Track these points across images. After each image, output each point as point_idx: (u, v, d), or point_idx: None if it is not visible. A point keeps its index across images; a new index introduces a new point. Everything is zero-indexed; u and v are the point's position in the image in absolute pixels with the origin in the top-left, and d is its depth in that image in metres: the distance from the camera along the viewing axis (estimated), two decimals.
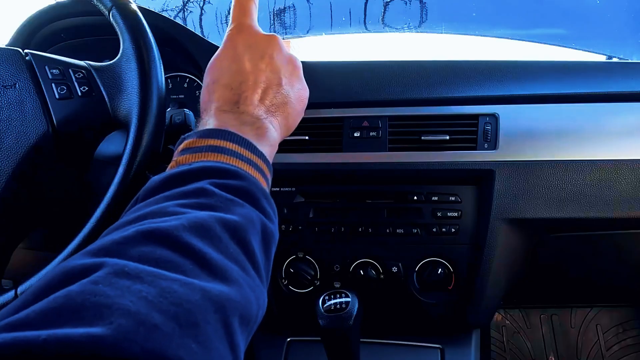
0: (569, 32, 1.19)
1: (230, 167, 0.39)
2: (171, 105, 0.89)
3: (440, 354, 0.83)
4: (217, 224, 0.33)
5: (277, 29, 1.25)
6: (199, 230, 0.32)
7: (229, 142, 0.41)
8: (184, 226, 0.31)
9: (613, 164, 0.71)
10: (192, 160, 0.40)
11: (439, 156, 0.73)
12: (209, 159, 0.40)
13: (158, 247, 0.29)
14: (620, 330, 1.28)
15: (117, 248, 0.29)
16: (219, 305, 0.28)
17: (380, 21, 1.22)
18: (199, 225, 0.32)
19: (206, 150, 0.41)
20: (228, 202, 0.36)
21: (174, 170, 0.39)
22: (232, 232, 0.34)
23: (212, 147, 0.41)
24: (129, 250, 0.29)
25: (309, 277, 0.79)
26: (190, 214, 0.33)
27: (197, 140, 0.42)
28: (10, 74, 0.56)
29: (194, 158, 0.40)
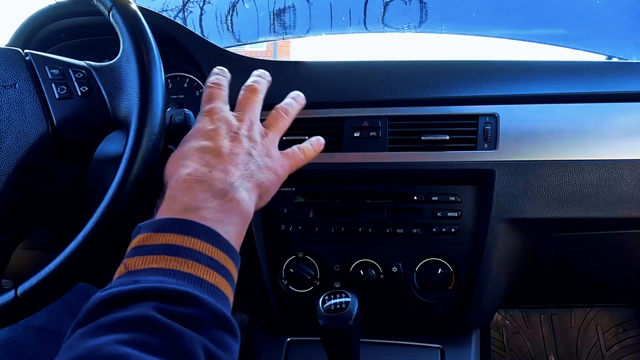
0: (569, 32, 1.18)
1: (179, 289, 0.35)
2: (171, 105, 0.89)
3: (440, 354, 0.83)
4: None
5: (277, 29, 1.25)
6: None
7: (187, 236, 0.38)
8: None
9: (613, 164, 0.71)
10: (142, 267, 0.36)
11: (439, 156, 0.73)
12: (160, 266, 0.36)
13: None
14: (620, 330, 1.28)
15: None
16: None
17: (380, 21, 1.22)
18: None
19: (159, 251, 0.37)
20: (173, 340, 0.32)
21: (116, 290, 0.35)
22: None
23: (165, 248, 0.37)
24: None
25: (309, 277, 0.79)
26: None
27: (152, 235, 0.38)
28: (10, 74, 0.56)
29: (143, 263, 0.37)
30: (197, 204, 0.41)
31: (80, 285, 0.56)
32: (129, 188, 0.53)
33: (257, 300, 0.84)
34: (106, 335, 0.32)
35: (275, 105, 0.81)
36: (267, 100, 0.79)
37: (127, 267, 0.38)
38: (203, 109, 0.55)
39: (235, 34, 1.26)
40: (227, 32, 1.26)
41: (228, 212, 0.42)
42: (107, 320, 0.33)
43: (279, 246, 0.80)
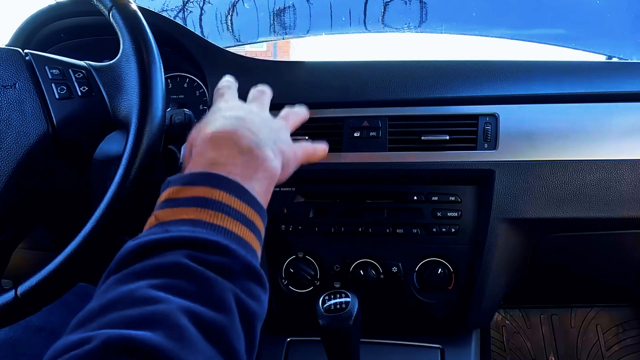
0: (569, 32, 1.18)
1: (210, 239, 0.35)
2: (171, 105, 0.89)
3: (440, 354, 0.83)
4: (192, 325, 0.30)
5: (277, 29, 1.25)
6: (174, 338, 0.29)
7: (216, 189, 0.38)
8: (157, 335, 0.28)
9: (613, 164, 0.71)
10: (172, 218, 0.37)
11: (439, 156, 0.73)
12: (190, 217, 0.37)
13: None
14: (620, 330, 1.28)
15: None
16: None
17: (380, 21, 1.22)
18: (173, 332, 0.29)
19: (189, 204, 0.38)
20: (206, 286, 0.33)
21: (148, 239, 0.35)
22: (209, 333, 0.31)
23: (195, 200, 0.38)
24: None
25: (309, 277, 0.79)
26: (164, 306, 0.30)
27: (181, 189, 0.39)
28: (10, 74, 0.56)
29: (174, 215, 0.37)
30: (224, 160, 0.41)
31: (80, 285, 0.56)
32: (129, 188, 0.53)
33: None
34: (139, 280, 0.32)
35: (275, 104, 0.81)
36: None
37: (158, 218, 0.38)
38: (217, 99, 0.54)
39: (235, 34, 1.26)
40: (227, 32, 1.26)
41: (254, 168, 0.43)
42: (139, 267, 0.34)
43: (279, 246, 0.80)
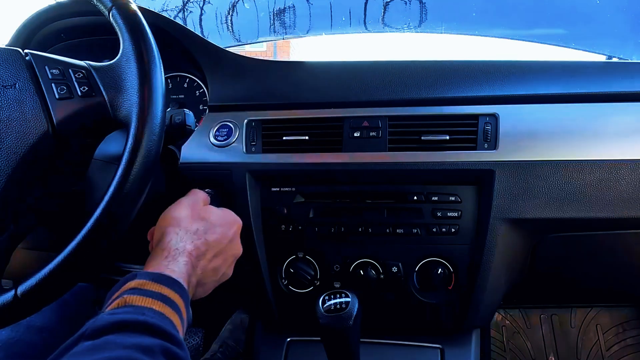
0: (569, 32, 1.18)
1: (179, 337, 0.46)
2: (171, 105, 0.89)
3: (440, 354, 0.83)
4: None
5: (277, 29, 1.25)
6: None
7: (176, 293, 0.50)
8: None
9: (613, 164, 0.71)
10: (143, 304, 0.47)
11: (439, 156, 0.73)
12: (157, 308, 0.47)
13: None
14: (620, 330, 1.28)
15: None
16: None
17: (380, 21, 1.22)
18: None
19: (156, 297, 0.48)
20: None
21: (130, 317, 0.44)
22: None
23: (161, 296, 0.48)
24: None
25: (309, 277, 0.79)
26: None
27: (150, 283, 0.49)
28: (10, 74, 0.56)
29: (144, 302, 0.47)
30: (186, 270, 0.56)
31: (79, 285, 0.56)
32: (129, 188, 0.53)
33: (257, 300, 0.84)
34: (120, 349, 0.40)
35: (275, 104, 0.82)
36: (270, 100, 0.80)
37: (129, 301, 0.47)
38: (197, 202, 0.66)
39: (235, 34, 1.26)
40: (227, 32, 1.26)
41: (195, 286, 0.58)
42: (119, 339, 0.41)
43: (279, 246, 0.80)
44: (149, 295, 0.48)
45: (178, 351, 0.43)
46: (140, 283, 0.49)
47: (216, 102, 0.80)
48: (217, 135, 0.77)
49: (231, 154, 0.76)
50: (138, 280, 0.49)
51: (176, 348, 0.43)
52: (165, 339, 0.43)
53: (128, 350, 0.39)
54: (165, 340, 0.43)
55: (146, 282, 0.49)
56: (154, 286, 0.49)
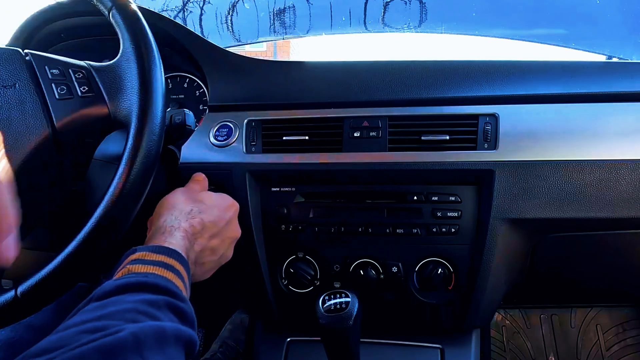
0: (569, 32, 1.18)
1: (182, 294, 0.48)
2: (171, 105, 0.89)
3: (440, 354, 0.83)
4: (170, 332, 0.41)
5: (277, 28, 1.25)
6: (156, 338, 0.39)
7: (175, 260, 0.52)
8: (134, 338, 0.37)
9: (613, 164, 0.71)
10: (145, 271, 0.49)
11: (439, 156, 0.73)
12: (158, 273, 0.49)
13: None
14: (620, 330, 1.28)
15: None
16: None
17: (380, 21, 1.22)
18: (156, 334, 0.39)
19: (157, 265, 0.50)
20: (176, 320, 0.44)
21: (135, 279, 0.46)
22: (176, 339, 0.41)
23: (162, 264, 0.50)
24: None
25: (309, 277, 0.79)
26: (148, 321, 0.40)
27: (150, 254, 0.51)
28: (10, 74, 0.56)
29: (145, 269, 0.49)
30: (184, 244, 0.57)
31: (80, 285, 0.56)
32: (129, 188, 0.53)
33: (257, 300, 0.84)
34: (127, 304, 0.42)
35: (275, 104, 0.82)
36: (270, 100, 0.80)
37: (131, 270, 0.49)
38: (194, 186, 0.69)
39: (235, 34, 1.26)
40: (227, 32, 1.26)
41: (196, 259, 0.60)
42: (127, 298, 0.43)
43: (279, 246, 0.80)
44: (150, 263, 0.49)
45: (182, 305, 0.45)
46: (141, 255, 0.51)
47: (216, 102, 0.80)
48: (217, 135, 0.77)
49: (231, 154, 0.76)
50: (139, 252, 0.51)
51: (180, 303, 0.45)
52: (169, 296, 0.45)
53: (134, 304, 0.42)
54: (169, 296, 0.45)
55: (147, 253, 0.51)
56: (154, 256, 0.51)
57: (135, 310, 0.41)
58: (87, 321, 0.39)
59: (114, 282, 0.45)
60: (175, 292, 0.46)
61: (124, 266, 0.50)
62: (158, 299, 0.44)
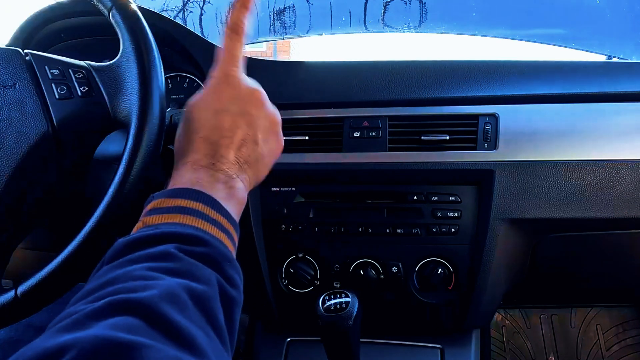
0: (569, 32, 1.18)
1: (194, 233, 0.40)
2: (171, 105, 0.89)
3: (440, 354, 0.83)
4: (183, 292, 0.34)
5: (277, 29, 1.25)
6: (169, 300, 0.32)
7: (197, 202, 0.43)
8: (156, 296, 0.32)
9: (613, 164, 0.71)
10: (159, 222, 0.42)
11: (439, 156, 0.73)
12: (174, 221, 0.41)
13: (130, 317, 0.30)
14: (620, 330, 1.28)
15: (89, 322, 0.29)
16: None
17: (380, 21, 1.22)
18: (169, 296, 0.33)
19: (173, 211, 0.42)
20: (193, 268, 0.37)
21: (140, 234, 0.40)
22: (196, 300, 0.35)
23: (178, 208, 0.42)
24: (100, 324, 0.29)
25: (309, 277, 0.79)
26: (160, 281, 0.34)
27: (165, 200, 0.44)
28: (10, 74, 0.56)
29: (160, 219, 0.42)
30: (203, 184, 0.46)
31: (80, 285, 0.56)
32: (129, 188, 0.53)
33: (257, 300, 0.84)
34: (134, 265, 0.37)
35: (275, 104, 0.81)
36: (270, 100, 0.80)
37: (145, 223, 0.43)
38: (220, 70, 0.53)
39: None
40: None
41: (228, 195, 0.47)
42: (133, 256, 0.38)
43: (279, 246, 0.80)
44: (165, 212, 0.43)
45: (194, 248, 0.39)
46: (157, 203, 0.44)
47: None
48: None
49: None
50: (155, 200, 0.45)
51: (192, 246, 0.39)
52: (178, 241, 0.39)
53: (141, 262, 0.37)
54: (179, 242, 0.39)
55: (163, 200, 0.44)
56: (171, 201, 0.44)
57: (144, 269, 0.36)
58: (94, 290, 0.35)
59: (123, 240, 0.41)
60: (184, 235, 0.40)
61: (140, 219, 0.45)
62: (166, 248, 0.38)
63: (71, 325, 0.29)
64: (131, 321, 0.29)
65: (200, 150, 0.48)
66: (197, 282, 0.36)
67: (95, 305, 0.30)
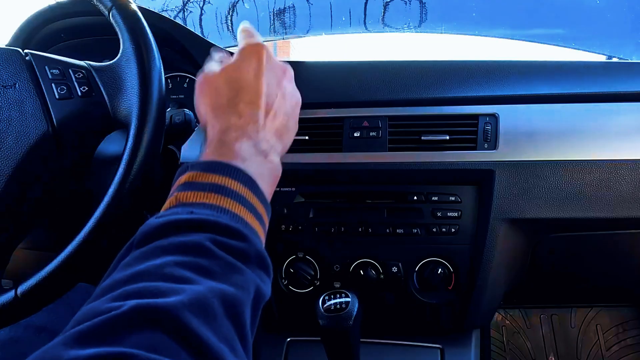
0: (569, 32, 1.18)
1: (231, 225, 0.38)
2: (171, 105, 0.89)
3: (440, 354, 0.83)
4: (215, 299, 0.32)
5: (277, 28, 1.25)
6: (198, 309, 0.31)
7: (234, 180, 0.41)
8: (184, 304, 0.30)
9: (613, 164, 0.71)
10: (193, 200, 0.40)
11: (439, 156, 0.73)
12: (210, 201, 0.40)
13: (155, 332, 0.29)
14: (620, 330, 1.28)
15: (112, 332, 0.28)
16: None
17: (380, 21, 1.22)
18: (198, 304, 0.31)
19: (209, 189, 0.40)
20: (226, 269, 0.36)
21: (173, 218, 0.38)
22: (227, 307, 0.33)
23: (215, 187, 0.41)
24: (124, 338, 0.28)
25: (309, 277, 0.79)
26: (190, 284, 0.32)
27: (201, 174, 0.41)
28: (10, 74, 0.56)
29: (194, 197, 0.40)
30: (244, 155, 0.44)
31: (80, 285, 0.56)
32: (129, 188, 0.53)
33: None
34: (165, 256, 0.35)
35: None
36: None
37: (179, 199, 0.41)
38: (247, 44, 0.52)
39: (235, 34, 1.26)
40: (227, 32, 1.26)
41: (265, 169, 0.46)
42: (165, 243, 0.36)
43: (279, 246, 0.80)
44: (200, 188, 0.41)
45: (231, 241, 0.37)
46: (191, 175, 0.42)
47: None
48: None
49: None
50: (189, 172, 0.43)
51: (228, 239, 0.37)
52: (214, 232, 0.37)
53: (172, 254, 0.35)
54: (215, 232, 0.37)
55: (198, 174, 0.42)
56: (207, 176, 0.41)
57: (175, 264, 0.34)
58: (121, 282, 0.33)
59: (155, 220, 0.38)
60: (221, 225, 0.38)
61: (172, 192, 0.42)
62: (200, 239, 0.36)
63: (94, 333, 0.28)
64: (156, 338, 0.28)
65: (244, 115, 0.47)
66: (230, 286, 0.34)
67: (120, 310, 0.29)
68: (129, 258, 0.36)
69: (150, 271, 0.33)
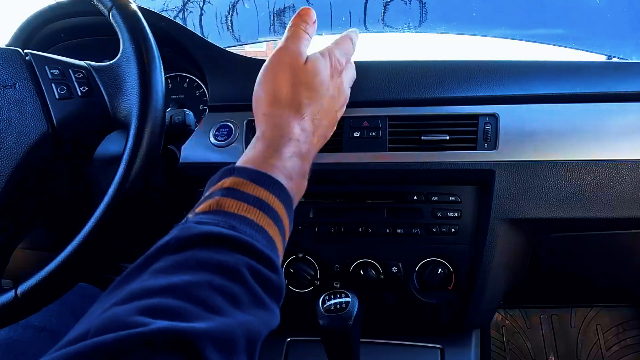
0: (569, 32, 1.18)
1: (268, 254, 0.39)
2: (171, 105, 0.89)
3: (440, 354, 0.83)
4: (241, 334, 0.33)
5: (277, 28, 1.25)
6: (222, 343, 0.31)
7: (276, 198, 0.42)
8: (210, 336, 0.30)
9: (613, 164, 0.71)
10: (235, 211, 0.40)
11: (439, 156, 0.73)
12: (252, 217, 0.40)
13: None
14: (620, 330, 1.28)
15: (137, 354, 0.28)
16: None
17: (380, 21, 1.22)
18: (224, 338, 0.31)
19: (252, 202, 0.41)
20: (255, 301, 0.36)
21: (215, 230, 0.38)
22: (249, 342, 0.34)
23: (258, 202, 0.41)
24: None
25: (309, 277, 0.79)
26: (220, 316, 0.33)
27: (247, 183, 0.42)
28: (10, 74, 0.56)
29: (237, 208, 0.40)
30: (291, 173, 0.46)
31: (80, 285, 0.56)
32: (129, 188, 0.53)
33: None
34: (200, 272, 0.35)
35: None
36: None
37: (220, 205, 0.40)
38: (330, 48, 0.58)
39: (235, 34, 1.26)
40: (227, 32, 1.26)
41: (301, 190, 0.50)
42: (202, 256, 0.36)
43: None
44: (244, 200, 0.41)
45: (264, 270, 0.38)
46: (236, 181, 0.42)
47: (216, 102, 0.80)
48: (217, 136, 0.77)
49: (231, 154, 0.76)
50: (235, 177, 0.42)
51: (263, 267, 0.38)
52: (250, 255, 0.38)
53: (209, 274, 0.35)
54: (252, 258, 0.38)
55: (245, 182, 0.42)
56: (253, 188, 0.41)
57: (208, 286, 0.34)
58: (149, 291, 0.32)
59: (194, 225, 0.38)
60: (260, 252, 0.38)
61: (213, 194, 0.41)
62: (238, 262, 0.36)
63: (116, 346, 0.27)
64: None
65: (308, 120, 0.50)
66: (255, 319, 0.35)
67: (147, 329, 0.28)
68: (162, 263, 0.36)
69: (183, 288, 0.33)
